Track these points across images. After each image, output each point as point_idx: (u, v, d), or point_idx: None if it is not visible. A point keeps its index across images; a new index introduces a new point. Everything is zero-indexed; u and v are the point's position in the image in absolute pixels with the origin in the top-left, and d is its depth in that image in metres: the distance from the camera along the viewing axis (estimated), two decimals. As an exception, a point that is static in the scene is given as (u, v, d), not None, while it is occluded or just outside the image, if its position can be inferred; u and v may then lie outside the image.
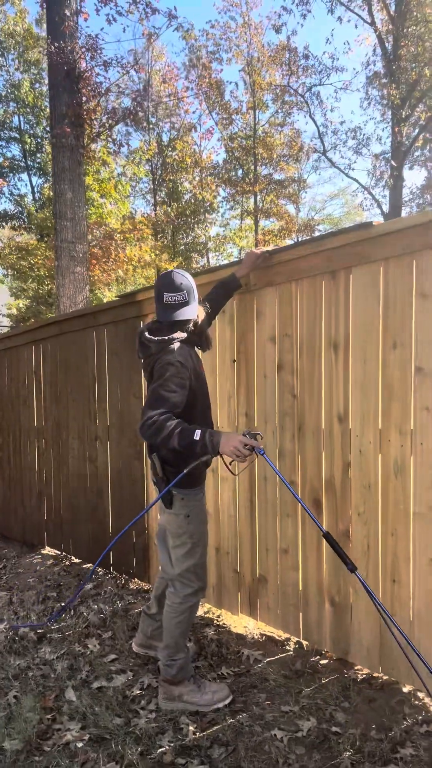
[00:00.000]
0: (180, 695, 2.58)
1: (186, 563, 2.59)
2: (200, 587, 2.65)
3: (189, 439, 2.26)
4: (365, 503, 2.69)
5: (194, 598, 2.64)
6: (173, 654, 2.61)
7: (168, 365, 2.38)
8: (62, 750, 2.35)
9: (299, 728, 2.38)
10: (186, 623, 2.63)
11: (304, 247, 2.90)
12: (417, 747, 2.22)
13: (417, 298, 2.46)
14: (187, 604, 2.61)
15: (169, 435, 2.26)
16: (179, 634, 2.61)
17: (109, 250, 10.91)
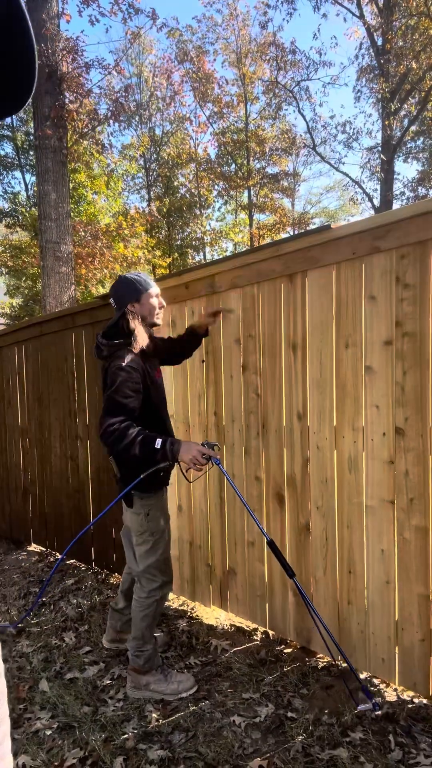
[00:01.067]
0: (147, 684, 2.69)
1: (149, 559, 2.69)
2: (164, 581, 2.75)
3: (150, 447, 2.34)
4: (323, 497, 2.79)
5: (159, 592, 2.74)
6: (141, 645, 2.72)
7: (118, 371, 2.46)
8: (31, 737, 2.46)
9: (257, 714, 2.49)
10: (152, 616, 2.73)
11: (264, 252, 2.99)
12: (367, 731, 2.32)
13: (366, 301, 2.55)
14: (152, 598, 2.72)
15: (131, 443, 2.33)
16: (146, 626, 2.71)
17: (94, 250, 10.98)
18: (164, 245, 20.35)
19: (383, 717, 2.39)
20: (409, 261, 2.39)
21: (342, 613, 2.75)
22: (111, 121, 8.13)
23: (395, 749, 2.19)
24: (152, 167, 20.62)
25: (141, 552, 2.71)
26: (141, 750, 2.32)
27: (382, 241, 2.47)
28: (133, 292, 2.62)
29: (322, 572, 2.82)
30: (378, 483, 2.55)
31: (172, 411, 3.66)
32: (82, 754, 2.31)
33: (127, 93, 8.62)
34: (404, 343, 2.42)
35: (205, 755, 2.24)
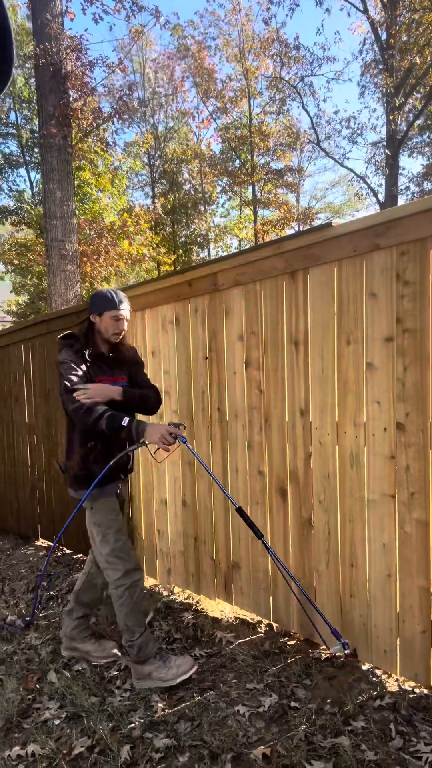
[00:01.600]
0: (149, 674, 2.74)
1: (104, 550, 2.77)
2: (127, 570, 2.77)
3: (117, 423, 2.54)
4: (325, 492, 2.83)
5: (126, 580, 2.75)
6: (129, 636, 2.77)
7: (61, 363, 2.73)
8: (40, 727, 2.52)
9: (261, 704, 2.54)
10: (129, 606, 2.76)
11: (266, 249, 3.03)
12: (368, 720, 2.37)
13: (367, 297, 2.59)
14: (121, 588, 2.75)
15: (99, 417, 2.54)
16: (125, 615, 2.76)
17: (99, 248, 11.03)
18: (169, 242, 20.37)
19: (385, 707, 2.44)
20: (410, 258, 2.42)
21: (344, 606, 2.79)
22: (115, 119, 8.17)
23: (396, 737, 2.24)
24: (156, 164, 20.64)
25: (96, 544, 2.80)
26: (147, 738, 2.37)
27: (382, 238, 2.50)
28: (98, 306, 2.79)
29: (324, 566, 2.86)
30: (379, 477, 2.59)
31: (176, 407, 3.71)
32: (89, 743, 2.36)
33: (131, 91, 8.65)
34: (405, 340, 2.46)
35: (210, 743, 2.29)
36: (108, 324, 2.78)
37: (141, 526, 4.15)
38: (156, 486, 3.98)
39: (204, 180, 20.64)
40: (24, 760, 2.30)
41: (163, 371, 3.81)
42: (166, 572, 3.94)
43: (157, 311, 3.81)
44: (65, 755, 2.30)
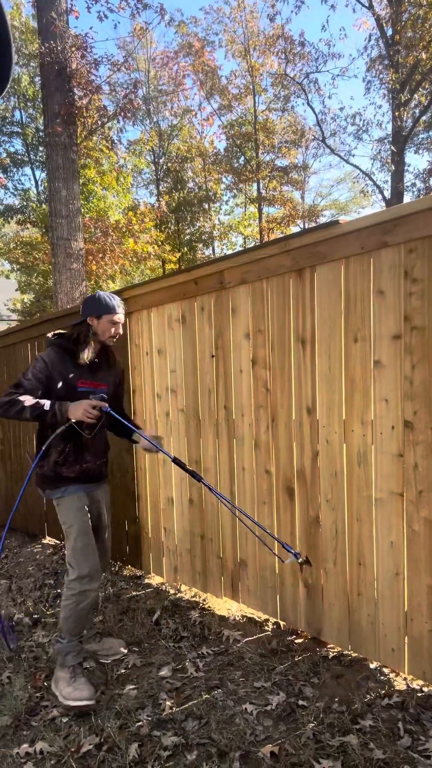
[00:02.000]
0: (57, 680, 2.72)
1: (67, 548, 2.77)
2: (80, 575, 2.69)
3: (40, 410, 2.59)
4: (333, 490, 2.83)
5: (76, 586, 2.69)
6: (60, 636, 2.76)
7: (35, 359, 2.80)
8: (48, 725, 2.53)
9: (269, 702, 2.54)
10: (71, 611, 2.70)
11: (272, 247, 3.02)
12: (376, 719, 2.36)
13: (375, 295, 2.58)
14: (69, 592, 2.71)
15: (22, 407, 2.57)
16: (65, 617, 2.72)
17: (104, 247, 11.03)
18: (173, 240, 20.36)
19: (393, 705, 2.43)
20: (417, 255, 2.41)
21: (352, 605, 2.78)
22: (120, 117, 8.16)
23: (404, 736, 2.23)
24: (161, 162, 20.62)
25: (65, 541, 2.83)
26: (155, 736, 2.37)
27: (390, 235, 2.49)
28: (96, 309, 2.80)
29: (332, 564, 2.86)
30: (387, 476, 2.58)
31: (182, 405, 3.71)
32: (97, 741, 2.37)
33: (135, 89, 8.64)
34: (413, 337, 2.45)
35: (218, 742, 2.29)
36: (105, 327, 2.81)
37: (148, 524, 4.16)
38: (162, 485, 3.98)
39: (208, 177, 20.60)
40: (32, 757, 2.31)
41: (170, 370, 3.81)
42: (173, 570, 3.95)
43: (164, 309, 3.81)
44: (73, 753, 2.30)
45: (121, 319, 2.85)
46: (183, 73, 18.39)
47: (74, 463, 2.79)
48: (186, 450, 3.73)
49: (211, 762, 2.19)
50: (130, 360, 4.17)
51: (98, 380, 2.87)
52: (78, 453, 2.80)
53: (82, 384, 2.79)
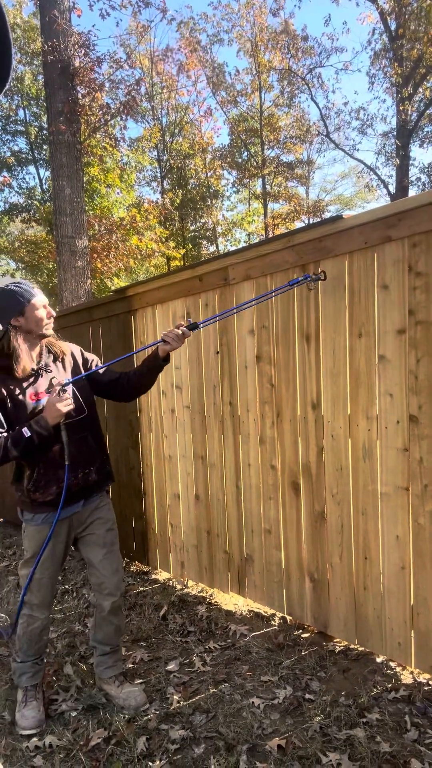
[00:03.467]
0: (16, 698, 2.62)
1: (23, 568, 2.54)
2: (29, 601, 2.51)
3: (22, 441, 2.25)
4: (338, 485, 2.83)
5: (26, 610, 2.53)
6: (15, 653, 2.64)
7: None
8: (57, 718, 2.55)
9: (276, 696, 2.55)
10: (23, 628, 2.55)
11: (276, 242, 3.02)
12: (383, 712, 2.37)
13: (379, 290, 2.58)
14: (23, 610, 2.53)
15: (5, 449, 2.24)
16: (18, 636, 2.58)
17: (109, 244, 11.06)
18: (178, 236, 20.35)
19: (400, 699, 2.44)
20: (422, 249, 2.41)
21: (358, 599, 2.79)
22: (123, 114, 8.17)
23: (411, 729, 2.24)
24: (164, 159, 20.59)
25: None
26: (163, 730, 2.39)
27: (393, 230, 2.48)
28: (15, 305, 2.32)
29: (338, 559, 2.87)
30: (392, 470, 2.59)
31: (187, 402, 3.72)
32: (106, 734, 2.39)
33: (138, 86, 8.64)
34: (417, 332, 2.45)
35: (225, 735, 2.30)
36: (37, 317, 2.36)
37: (154, 520, 4.18)
38: (168, 480, 4.00)
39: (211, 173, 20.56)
40: (42, 750, 2.33)
41: (174, 366, 3.82)
42: (180, 566, 3.97)
43: (168, 306, 3.82)
44: (82, 746, 2.32)
45: (45, 298, 2.43)
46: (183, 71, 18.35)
47: (49, 486, 2.41)
48: (192, 446, 3.74)
49: (218, 755, 2.20)
50: (135, 357, 4.18)
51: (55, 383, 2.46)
52: (51, 473, 2.41)
53: (36, 397, 2.39)
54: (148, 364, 2.59)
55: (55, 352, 2.54)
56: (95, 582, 2.64)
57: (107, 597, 2.62)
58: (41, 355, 2.48)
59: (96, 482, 2.57)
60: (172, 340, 2.45)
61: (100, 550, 2.60)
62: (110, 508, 2.70)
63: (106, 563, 2.60)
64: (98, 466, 2.58)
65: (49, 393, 2.39)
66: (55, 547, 2.49)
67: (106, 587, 2.61)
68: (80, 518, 2.56)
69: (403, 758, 2.09)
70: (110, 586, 2.62)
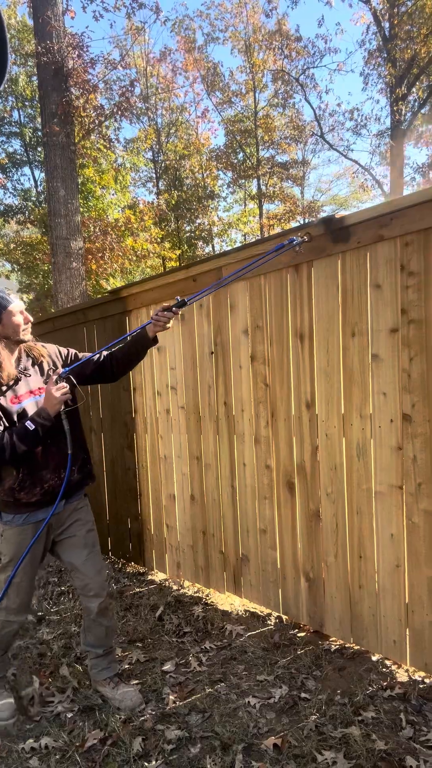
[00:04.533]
0: None
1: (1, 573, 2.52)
2: (6, 606, 2.50)
3: (28, 435, 2.29)
4: (332, 484, 2.84)
5: (2, 614, 2.52)
6: None
7: None
8: (53, 720, 2.55)
9: (272, 695, 2.55)
10: None
11: (269, 243, 3.02)
12: (379, 710, 2.38)
13: (371, 289, 2.59)
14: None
15: (12, 446, 2.27)
16: None
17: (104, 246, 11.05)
18: (173, 237, 20.35)
19: (395, 697, 2.45)
20: (414, 248, 2.42)
21: (353, 597, 2.80)
22: (117, 115, 8.17)
23: (406, 727, 2.25)
24: (159, 160, 20.60)
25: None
26: (159, 730, 2.39)
27: (386, 229, 2.49)
28: None
29: (333, 557, 2.87)
30: (386, 469, 2.60)
31: (183, 402, 3.72)
32: (102, 735, 2.39)
33: (132, 87, 8.64)
34: (410, 330, 2.45)
35: (221, 734, 2.31)
36: (15, 323, 2.35)
37: (150, 521, 4.17)
38: (164, 481, 4.00)
39: (207, 174, 20.56)
40: (37, 752, 2.33)
41: (169, 367, 3.82)
42: (176, 566, 3.97)
43: (163, 307, 3.81)
44: (78, 747, 2.32)
45: (22, 304, 2.40)
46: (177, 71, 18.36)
47: (34, 486, 2.41)
48: (187, 446, 3.74)
49: (214, 755, 2.21)
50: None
51: (33, 386, 2.46)
52: (35, 473, 2.42)
53: (17, 400, 2.39)
54: (135, 342, 2.63)
55: (34, 356, 2.54)
56: (80, 585, 2.62)
57: (93, 599, 2.61)
58: (20, 359, 2.48)
59: (78, 482, 2.57)
60: (159, 319, 2.48)
61: (82, 552, 2.59)
62: (89, 509, 2.69)
63: (89, 564, 2.59)
64: (80, 465, 2.57)
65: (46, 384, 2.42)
66: (34, 549, 2.48)
67: (91, 589, 2.60)
68: (60, 519, 2.55)
69: (398, 756, 2.10)
70: (95, 587, 2.61)
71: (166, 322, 2.49)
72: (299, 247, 2.57)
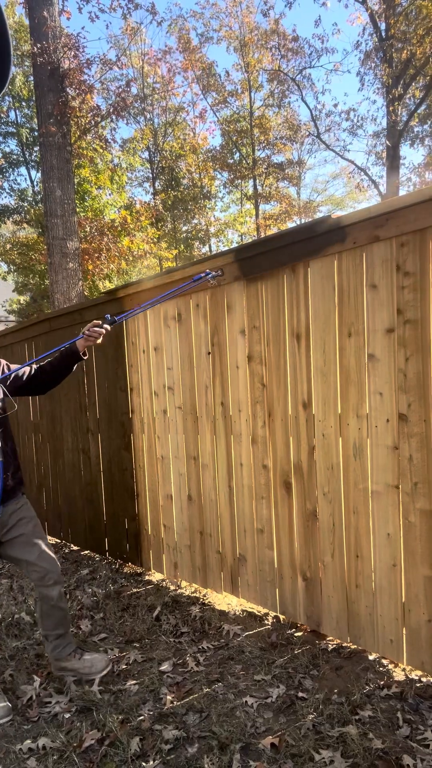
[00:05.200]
0: None
1: None
2: None
3: None
4: (329, 484, 2.84)
5: None
6: None
7: None
8: (50, 721, 2.55)
9: (269, 695, 2.56)
10: None
11: (266, 243, 3.03)
12: (376, 709, 2.39)
13: (368, 289, 2.59)
14: None
15: None
16: None
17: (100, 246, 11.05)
18: (170, 237, 20.35)
19: (392, 696, 2.46)
20: (409, 249, 2.43)
21: (350, 596, 2.80)
22: (114, 116, 8.17)
23: (403, 726, 2.25)
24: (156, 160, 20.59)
25: None
26: (156, 730, 2.40)
27: (381, 229, 2.50)
28: None
29: (330, 557, 2.88)
30: (383, 468, 2.60)
31: (180, 402, 3.72)
32: (99, 735, 2.39)
33: (128, 87, 8.64)
34: (406, 331, 2.46)
35: (219, 734, 2.31)
36: None
37: (147, 521, 4.18)
38: (161, 481, 4.00)
39: (203, 174, 20.57)
40: (35, 753, 2.33)
41: (166, 367, 3.82)
42: (173, 566, 3.97)
43: (159, 307, 3.82)
44: (76, 748, 2.32)
45: None
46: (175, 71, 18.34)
47: None
48: (184, 447, 3.75)
49: (212, 754, 2.21)
50: (126, 358, 4.19)
51: None
52: None
53: None
54: (65, 357, 2.79)
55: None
56: (37, 577, 2.72)
57: (54, 586, 2.73)
58: None
59: (12, 488, 2.69)
60: (92, 334, 2.68)
61: (33, 548, 2.71)
62: (29, 506, 2.83)
63: (44, 557, 2.72)
64: (13, 472, 2.70)
65: None
66: None
67: (51, 577, 2.72)
68: (2, 523, 2.65)
69: (395, 754, 2.10)
70: (54, 575, 2.74)
71: (97, 338, 2.70)
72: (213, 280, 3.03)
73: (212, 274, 3.03)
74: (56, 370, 2.82)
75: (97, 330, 2.67)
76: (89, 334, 2.67)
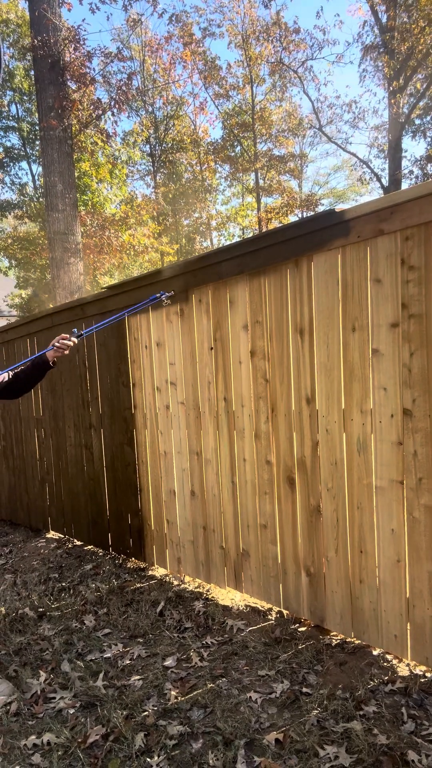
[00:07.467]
0: None
1: None
2: None
3: None
4: (333, 479, 2.83)
5: None
6: None
7: None
8: (55, 716, 2.55)
9: (273, 690, 2.56)
10: None
11: (269, 237, 3.01)
12: (380, 705, 2.38)
13: (372, 283, 2.57)
14: None
15: None
16: None
17: (101, 241, 11.01)
18: (172, 231, 20.28)
19: (396, 691, 2.45)
20: (414, 243, 2.41)
21: (354, 592, 2.80)
22: (114, 109, 8.12)
23: (408, 721, 2.25)
24: (157, 153, 20.50)
25: None
26: (161, 726, 2.40)
27: (386, 223, 2.48)
28: None
29: (334, 552, 2.87)
30: (387, 464, 2.59)
31: (182, 398, 3.71)
32: (104, 731, 2.39)
33: (129, 80, 8.58)
34: (410, 325, 2.44)
35: (223, 730, 2.31)
36: None
37: (150, 516, 4.17)
38: (164, 477, 3.99)
39: (204, 167, 20.48)
40: (40, 748, 2.34)
41: (169, 362, 3.81)
42: (176, 562, 3.97)
43: (161, 303, 3.80)
44: (80, 744, 2.32)
45: None
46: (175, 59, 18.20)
47: None
48: (187, 442, 3.74)
49: (216, 750, 2.21)
50: (129, 354, 4.18)
51: None
52: None
53: None
54: (36, 366, 2.95)
55: None
56: None
57: None
58: None
59: None
60: (61, 346, 2.83)
61: None
62: None
63: None
64: None
65: None
66: None
67: None
68: None
69: (400, 750, 2.10)
70: None
71: (65, 349, 2.86)
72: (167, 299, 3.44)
73: (166, 294, 3.44)
74: (29, 378, 2.99)
75: (66, 342, 2.83)
76: (59, 345, 2.83)
